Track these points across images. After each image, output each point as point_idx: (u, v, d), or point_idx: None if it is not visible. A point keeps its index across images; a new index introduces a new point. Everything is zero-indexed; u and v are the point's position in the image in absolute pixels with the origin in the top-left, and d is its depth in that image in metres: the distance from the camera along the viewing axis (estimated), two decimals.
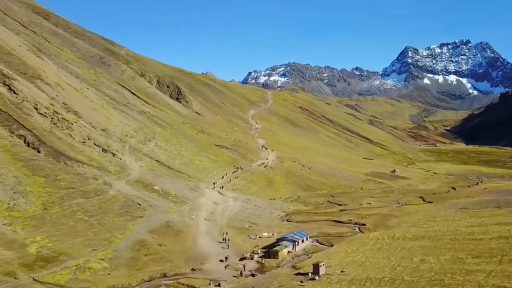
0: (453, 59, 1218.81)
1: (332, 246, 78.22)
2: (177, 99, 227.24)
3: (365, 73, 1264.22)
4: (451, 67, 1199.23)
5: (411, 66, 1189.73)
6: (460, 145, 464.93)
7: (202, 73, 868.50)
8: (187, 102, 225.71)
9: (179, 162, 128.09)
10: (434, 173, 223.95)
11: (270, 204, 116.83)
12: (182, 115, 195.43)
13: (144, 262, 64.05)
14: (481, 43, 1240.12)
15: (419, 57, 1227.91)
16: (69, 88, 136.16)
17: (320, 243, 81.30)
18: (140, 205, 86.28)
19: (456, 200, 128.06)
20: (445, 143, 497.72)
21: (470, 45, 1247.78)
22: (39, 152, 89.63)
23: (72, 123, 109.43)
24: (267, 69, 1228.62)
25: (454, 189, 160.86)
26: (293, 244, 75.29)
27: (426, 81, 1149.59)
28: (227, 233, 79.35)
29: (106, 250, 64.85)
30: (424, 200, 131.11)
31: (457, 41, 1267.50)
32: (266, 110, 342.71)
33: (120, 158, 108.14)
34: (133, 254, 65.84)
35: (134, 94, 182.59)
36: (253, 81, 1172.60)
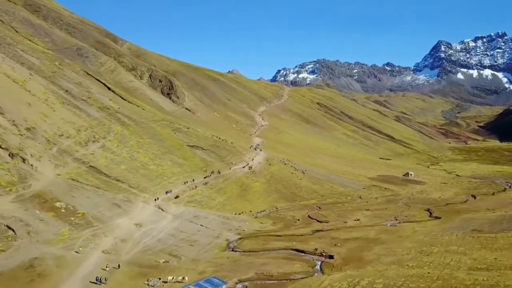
0: (488, 53, 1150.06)
1: None
2: (168, 94, 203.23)
3: (397, 68, 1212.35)
4: (486, 61, 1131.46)
5: (444, 60, 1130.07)
6: (493, 143, 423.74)
7: (229, 71, 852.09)
8: (178, 97, 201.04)
9: (125, 167, 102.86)
10: (457, 175, 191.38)
11: (226, 223, 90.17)
12: (164, 112, 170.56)
13: None
14: None
15: (452, 51, 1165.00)
16: (6, 80, 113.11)
17: None
18: (12, 231, 61.29)
19: (472, 214, 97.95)
20: (477, 140, 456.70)
21: (506, 38, 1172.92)
22: None
23: None
24: (296, 66, 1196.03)
25: (474, 197, 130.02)
26: None
27: (459, 76, 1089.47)
28: (106, 279, 53.36)
29: None
30: (430, 215, 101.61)
31: (492, 34, 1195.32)
32: (279, 106, 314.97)
33: (31, 165, 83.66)
34: None
35: (109, 88, 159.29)
36: (282, 79, 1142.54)
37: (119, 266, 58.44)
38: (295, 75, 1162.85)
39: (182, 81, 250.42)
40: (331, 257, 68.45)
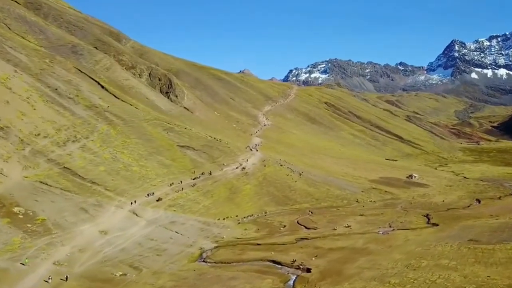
0: (503, 52, 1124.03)
1: None
2: (166, 93, 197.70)
3: (410, 68, 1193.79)
4: (501, 61, 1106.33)
5: (458, 60, 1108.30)
6: (507, 143, 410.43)
7: (240, 71, 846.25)
8: (176, 96, 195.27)
9: (104, 169, 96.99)
10: (464, 177, 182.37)
11: (205, 230, 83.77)
12: (160, 111, 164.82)
13: None
14: None
15: (466, 50, 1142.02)
16: None
17: None
18: None
19: (473, 221, 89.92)
20: (490, 140, 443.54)
21: None
22: None
23: None
24: (308, 66, 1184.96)
25: (479, 201, 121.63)
26: None
27: (473, 75, 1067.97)
28: None
29: None
30: (428, 221, 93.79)
31: (507, 33, 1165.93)
32: (285, 105, 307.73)
33: None
34: None
35: (103, 86, 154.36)
36: (294, 78, 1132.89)
37: (66, 278, 52.45)
38: (307, 74, 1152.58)
39: (184, 80, 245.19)
40: (308, 270, 61.63)
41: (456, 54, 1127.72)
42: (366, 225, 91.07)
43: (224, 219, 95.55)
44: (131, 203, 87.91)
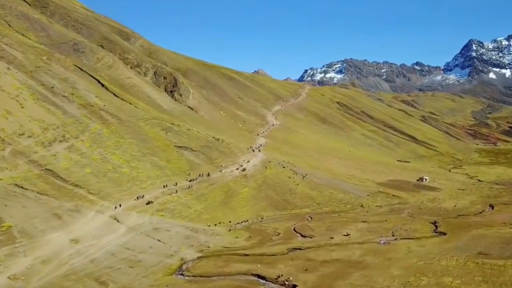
0: None
1: None
2: (171, 92, 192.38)
3: (426, 68, 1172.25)
4: None
5: (475, 60, 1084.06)
6: None
7: (255, 71, 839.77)
8: (181, 95, 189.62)
9: (91, 170, 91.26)
10: (479, 180, 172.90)
11: (191, 237, 77.32)
12: (161, 110, 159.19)
13: None
14: None
15: (484, 50, 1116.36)
16: None
17: None
18: None
19: (484, 230, 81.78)
20: (507, 141, 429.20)
21: None
22: None
23: None
24: (323, 66, 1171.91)
25: (492, 207, 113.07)
26: None
27: (491, 75, 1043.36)
28: None
29: None
30: (435, 229, 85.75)
31: None
32: (295, 105, 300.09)
33: None
34: None
35: (103, 84, 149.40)
36: (309, 78, 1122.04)
37: None
38: (322, 75, 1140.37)
39: (192, 79, 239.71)
40: (294, 287, 54.79)
41: (474, 54, 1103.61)
42: (367, 233, 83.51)
43: (215, 225, 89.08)
44: (115, 207, 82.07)
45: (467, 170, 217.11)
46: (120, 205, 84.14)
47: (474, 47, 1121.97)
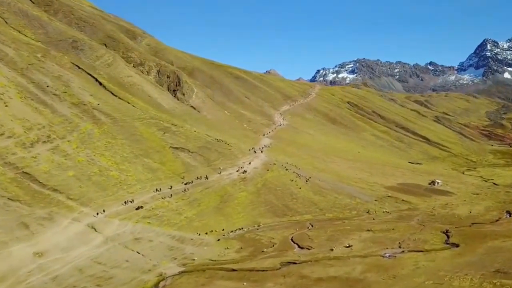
0: None
1: None
2: (174, 91, 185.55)
3: (440, 68, 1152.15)
4: None
5: (490, 59, 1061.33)
6: None
7: (266, 71, 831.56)
8: (183, 94, 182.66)
9: (74, 174, 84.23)
10: (494, 184, 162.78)
11: (176, 249, 69.69)
12: (162, 109, 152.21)
13: None
14: None
15: (499, 50, 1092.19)
16: None
17: None
18: None
19: (501, 242, 72.65)
20: None
21: None
22: None
23: None
24: (336, 66, 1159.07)
25: (510, 214, 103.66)
26: None
27: (506, 75, 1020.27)
28: None
29: None
30: (447, 239, 76.94)
31: None
32: (304, 105, 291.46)
33: None
34: None
35: (101, 83, 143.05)
36: (321, 78, 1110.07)
37: None
38: (335, 75, 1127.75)
39: (198, 79, 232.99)
40: None
41: (488, 54, 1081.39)
42: (371, 244, 75.12)
43: (206, 233, 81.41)
44: (97, 213, 74.93)
45: (481, 173, 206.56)
46: (103, 211, 77.14)
47: (488, 47, 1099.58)
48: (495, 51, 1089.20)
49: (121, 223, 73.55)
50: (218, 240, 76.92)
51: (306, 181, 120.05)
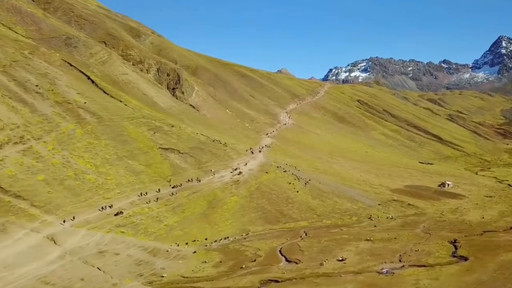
0: None
1: None
2: (173, 89, 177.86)
3: (454, 66, 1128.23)
4: None
5: (505, 57, 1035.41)
6: None
7: (278, 71, 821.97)
8: (182, 93, 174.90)
9: (44, 178, 76.59)
10: (509, 185, 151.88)
11: (144, 263, 61.41)
12: (157, 108, 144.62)
13: None
14: None
15: None
16: None
17: None
18: None
19: None
20: None
21: None
22: None
23: None
24: (348, 64, 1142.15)
25: None
26: None
27: None
28: None
29: None
30: (455, 251, 67.50)
31: None
32: (311, 103, 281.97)
33: None
34: None
35: (93, 81, 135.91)
36: (334, 77, 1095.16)
37: None
38: (347, 73, 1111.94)
39: (202, 77, 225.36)
40: None
41: (504, 51, 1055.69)
42: (368, 257, 65.97)
43: (186, 243, 73.12)
44: (64, 222, 67.15)
45: (496, 173, 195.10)
46: (73, 218, 69.48)
47: (503, 44, 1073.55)
48: (511, 48, 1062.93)
49: (88, 233, 65.61)
50: (194, 252, 68.42)
51: (305, 183, 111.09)
